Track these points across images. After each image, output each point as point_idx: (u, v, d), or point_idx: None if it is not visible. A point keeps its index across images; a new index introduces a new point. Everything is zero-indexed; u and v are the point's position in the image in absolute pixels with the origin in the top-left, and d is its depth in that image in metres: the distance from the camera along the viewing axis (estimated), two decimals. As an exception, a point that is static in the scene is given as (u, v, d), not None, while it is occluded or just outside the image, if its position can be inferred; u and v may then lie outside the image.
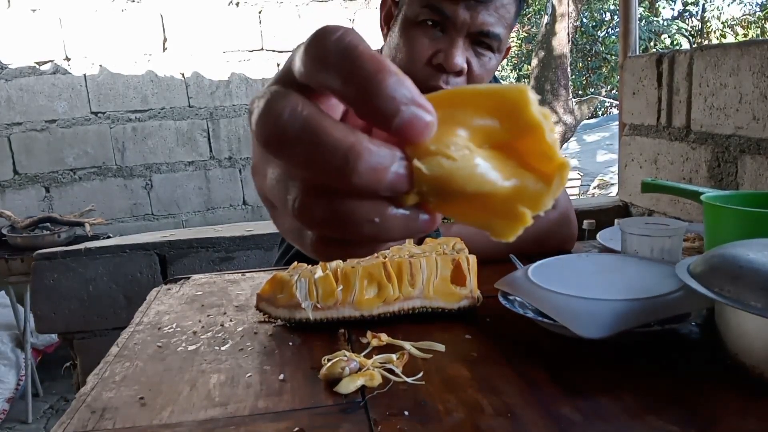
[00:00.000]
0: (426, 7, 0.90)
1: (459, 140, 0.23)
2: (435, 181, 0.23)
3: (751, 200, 0.80)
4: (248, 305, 0.85)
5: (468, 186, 0.23)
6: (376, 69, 0.21)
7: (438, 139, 0.23)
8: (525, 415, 0.52)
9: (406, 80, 0.22)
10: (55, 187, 3.38)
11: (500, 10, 0.91)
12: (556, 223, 1.06)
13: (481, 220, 0.25)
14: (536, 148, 0.24)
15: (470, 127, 0.24)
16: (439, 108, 0.24)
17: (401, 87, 0.22)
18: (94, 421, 0.56)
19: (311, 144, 0.22)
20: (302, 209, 0.24)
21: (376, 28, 1.05)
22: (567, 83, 7.64)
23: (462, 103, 0.24)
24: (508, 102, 0.24)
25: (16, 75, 3.25)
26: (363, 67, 0.22)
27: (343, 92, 0.22)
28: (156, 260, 1.87)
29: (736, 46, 1.43)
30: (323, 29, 0.23)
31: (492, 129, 0.24)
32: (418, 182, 0.23)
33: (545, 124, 0.24)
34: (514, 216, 0.24)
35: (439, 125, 0.23)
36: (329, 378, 0.59)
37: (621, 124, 2.04)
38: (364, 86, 0.22)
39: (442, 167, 0.23)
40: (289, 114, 0.22)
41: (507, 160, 0.25)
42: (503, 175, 0.24)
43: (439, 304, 0.75)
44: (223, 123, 3.57)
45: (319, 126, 0.22)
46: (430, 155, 0.23)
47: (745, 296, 0.53)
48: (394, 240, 0.25)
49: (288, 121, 0.22)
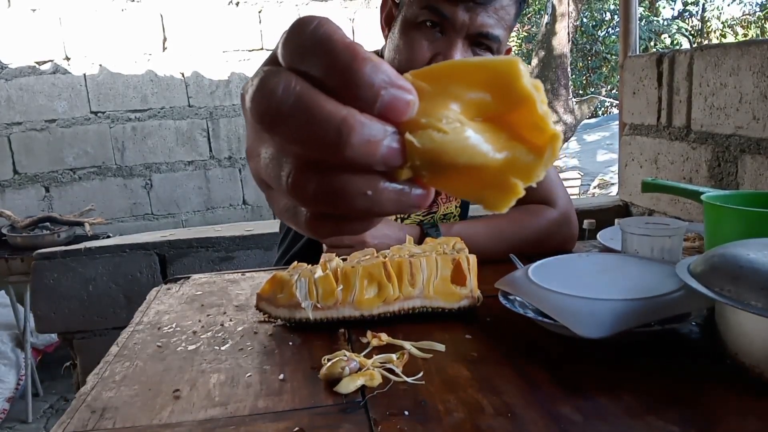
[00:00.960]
0: (425, 8, 0.90)
1: (450, 113, 0.24)
2: (427, 155, 0.23)
3: (751, 200, 0.80)
4: (248, 305, 0.85)
5: (459, 158, 0.23)
6: (352, 57, 0.22)
7: (429, 113, 0.23)
8: (525, 415, 0.52)
9: (382, 65, 0.23)
10: (55, 187, 3.38)
11: (500, 11, 0.91)
12: (557, 223, 1.06)
13: (474, 192, 0.25)
14: (528, 119, 0.25)
15: (462, 100, 0.24)
16: (431, 82, 0.24)
17: (378, 72, 0.22)
18: (94, 421, 0.56)
19: (304, 118, 0.22)
20: (295, 185, 0.24)
21: (376, 28, 1.05)
22: (567, 83, 7.64)
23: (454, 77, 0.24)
24: (500, 74, 0.24)
25: (16, 75, 3.25)
26: (339, 58, 0.22)
27: (323, 81, 0.23)
28: (156, 260, 1.87)
29: (736, 46, 1.43)
30: (298, 21, 0.23)
31: (484, 101, 0.24)
32: (410, 156, 0.23)
33: (536, 96, 0.24)
34: (506, 187, 0.25)
35: (430, 99, 0.24)
36: (329, 378, 0.59)
37: (621, 124, 2.04)
38: (342, 75, 0.22)
39: (433, 140, 0.23)
40: (283, 89, 0.23)
41: (499, 132, 0.25)
42: (495, 147, 0.24)
43: (439, 304, 0.75)
44: (223, 123, 3.57)
45: (312, 100, 0.22)
46: (422, 128, 0.23)
47: (745, 296, 0.53)
48: (387, 214, 0.25)
49: (282, 96, 0.22)
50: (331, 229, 0.26)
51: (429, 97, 0.24)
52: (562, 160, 9.35)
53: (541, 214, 1.06)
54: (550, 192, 1.09)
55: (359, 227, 0.26)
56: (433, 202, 1.14)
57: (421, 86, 0.24)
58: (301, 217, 0.26)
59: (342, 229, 0.26)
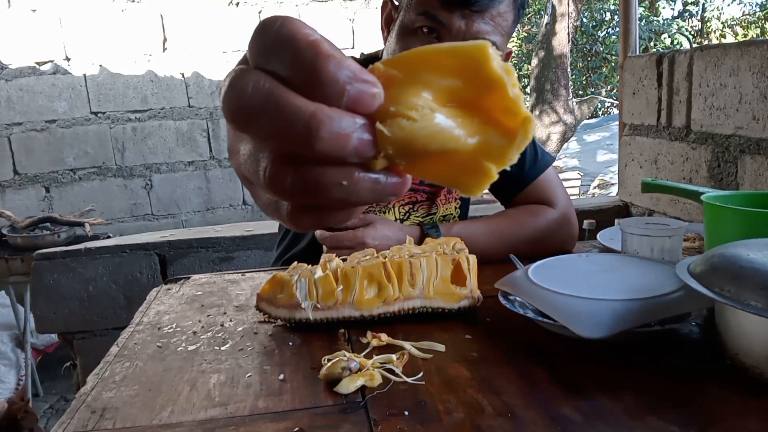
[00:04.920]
0: (422, 14, 0.90)
1: (420, 101, 0.24)
2: (399, 143, 0.24)
3: (751, 200, 0.80)
4: (248, 305, 0.85)
5: (431, 145, 0.24)
6: (315, 55, 0.23)
7: (399, 101, 0.24)
8: (525, 415, 0.52)
9: (345, 60, 0.23)
10: (55, 187, 3.38)
11: (496, 18, 0.90)
12: (557, 223, 1.06)
13: (449, 177, 0.25)
14: (500, 103, 0.25)
15: (433, 86, 0.24)
16: (402, 69, 0.24)
17: (341, 68, 0.23)
18: (94, 421, 0.56)
19: (275, 115, 0.23)
20: (272, 179, 0.24)
21: (375, 28, 1.06)
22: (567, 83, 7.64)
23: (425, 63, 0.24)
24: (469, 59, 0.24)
25: (16, 75, 3.25)
26: (303, 55, 0.23)
27: (290, 79, 0.23)
28: (156, 260, 1.87)
29: (736, 46, 1.43)
30: (263, 22, 0.24)
31: (455, 87, 0.24)
32: (383, 145, 0.24)
33: (507, 79, 0.24)
34: (480, 171, 0.25)
35: (401, 86, 0.24)
36: (329, 378, 0.59)
37: (621, 124, 2.04)
38: (307, 73, 0.23)
39: (403, 128, 0.23)
40: (252, 88, 0.23)
41: (471, 116, 0.25)
42: (467, 132, 0.25)
43: (439, 304, 0.75)
44: (223, 123, 3.57)
45: (281, 97, 0.23)
46: (391, 117, 0.23)
47: (745, 296, 0.53)
48: (365, 203, 0.25)
49: (252, 94, 0.23)
50: (312, 220, 0.26)
51: (400, 84, 0.24)
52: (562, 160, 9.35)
53: (541, 214, 1.06)
54: (550, 192, 1.09)
55: (340, 217, 0.27)
56: (433, 204, 1.14)
57: (393, 74, 0.24)
58: (283, 211, 0.27)
59: (323, 219, 0.26)
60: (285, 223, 0.27)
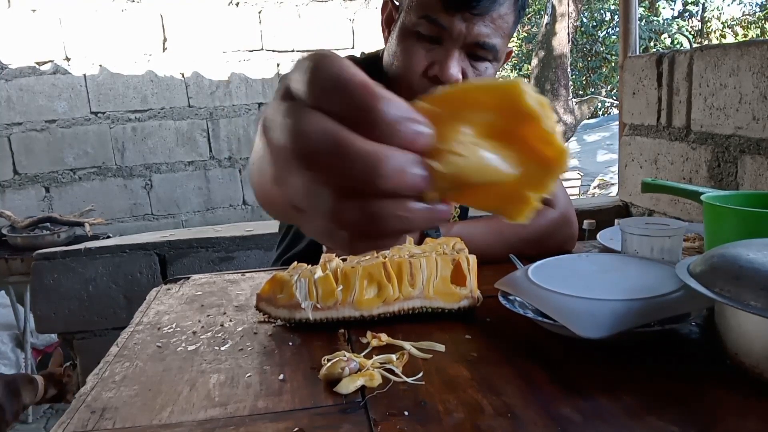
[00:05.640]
0: (423, 18, 0.90)
1: (465, 137, 0.26)
2: (451, 178, 0.26)
3: (751, 200, 0.80)
4: (248, 305, 0.85)
5: (479, 178, 0.26)
6: (369, 98, 0.25)
7: (446, 139, 0.25)
8: (525, 415, 0.52)
9: (395, 101, 0.25)
10: (55, 187, 3.38)
11: (497, 21, 0.91)
12: (556, 223, 1.06)
13: (495, 205, 0.28)
14: (537, 134, 0.27)
15: (474, 123, 0.26)
16: (443, 106, 0.26)
17: (394, 109, 0.25)
18: (94, 421, 0.56)
19: (340, 156, 0.25)
20: (335, 212, 0.26)
21: (375, 28, 1.05)
22: (567, 83, 7.64)
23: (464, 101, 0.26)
24: (505, 95, 0.26)
25: (16, 75, 3.25)
26: (357, 98, 0.25)
27: (348, 120, 0.25)
28: (156, 260, 1.87)
29: (736, 46, 1.43)
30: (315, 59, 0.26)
31: (494, 122, 0.26)
32: (437, 180, 0.26)
33: (541, 112, 0.26)
34: (522, 200, 0.27)
35: (445, 123, 0.26)
36: (329, 378, 0.59)
37: (621, 124, 2.04)
38: (362, 115, 0.25)
39: (454, 164, 0.25)
40: (315, 129, 0.25)
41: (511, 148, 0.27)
42: (509, 164, 0.27)
43: (439, 304, 0.74)
44: (223, 123, 3.57)
45: (346, 139, 0.25)
46: (443, 155, 0.25)
47: (745, 296, 0.53)
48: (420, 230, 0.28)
49: (318, 137, 0.25)
50: (369, 246, 0.28)
51: (444, 121, 0.26)
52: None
53: (540, 214, 1.06)
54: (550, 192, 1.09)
55: (395, 242, 0.29)
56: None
57: (435, 111, 0.26)
58: (339, 238, 0.28)
59: (379, 245, 0.28)
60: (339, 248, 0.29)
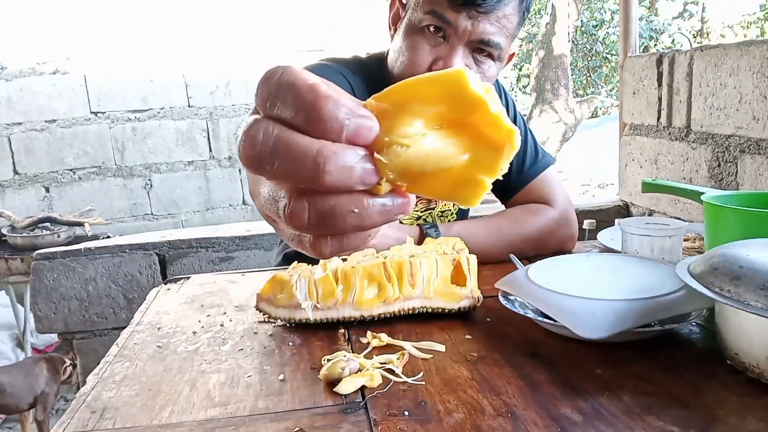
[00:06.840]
0: (429, 13, 0.92)
1: (411, 128, 0.27)
2: (397, 168, 0.26)
3: (751, 200, 0.80)
4: (248, 305, 0.85)
5: (426, 165, 0.27)
6: (315, 97, 0.25)
7: (392, 131, 0.26)
8: (525, 415, 0.52)
9: (342, 99, 0.26)
10: (55, 187, 3.38)
11: (502, 20, 0.92)
12: (556, 223, 1.06)
13: (448, 192, 0.28)
14: (486, 120, 0.27)
15: (421, 114, 0.27)
16: (392, 102, 0.27)
17: (339, 107, 0.25)
18: (94, 421, 0.56)
19: (285, 156, 0.25)
20: (292, 215, 0.27)
21: (377, 28, 1.06)
22: (567, 83, 7.64)
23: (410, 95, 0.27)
24: (450, 85, 0.27)
25: (16, 75, 3.25)
26: (304, 99, 0.25)
27: (295, 121, 0.26)
28: (155, 260, 1.87)
29: (736, 46, 1.43)
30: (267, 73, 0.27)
31: (441, 111, 0.27)
32: (383, 171, 0.26)
33: (487, 98, 0.27)
34: (474, 183, 0.28)
35: (393, 117, 0.26)
36: (329, 378, 0.59)
37: (621, 124, 2.04)
38: (309, 115, 0.25)
39: (399, 155, 0.26)
40: (263, 135, 0.26)
41: (461, 135, 0.28)
42: (458, 150, 0.27)
43: (439, 304, 0.74)
44: (223, 123, 3.57)
45: (288, 138, 0.26)
46: (387, 146, 0.26)
47: (745, 296, 0.53)
48: (377, 225, 0.28)
49: (262, 141, 0.26)
50: (333, 247, 0.29)
51: (392, 116, 0.27)
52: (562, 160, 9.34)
53: (540, 213, 1.06)
54: (549, 192, 1.09)
55: (358, 241, 0.29)
56: (431, 200, 1.14)
57: (384, 108, 0.27)
58: (306, 243, 0.29)
59: (343, 245, 0.29)
60: (310, 253, 0.30)
